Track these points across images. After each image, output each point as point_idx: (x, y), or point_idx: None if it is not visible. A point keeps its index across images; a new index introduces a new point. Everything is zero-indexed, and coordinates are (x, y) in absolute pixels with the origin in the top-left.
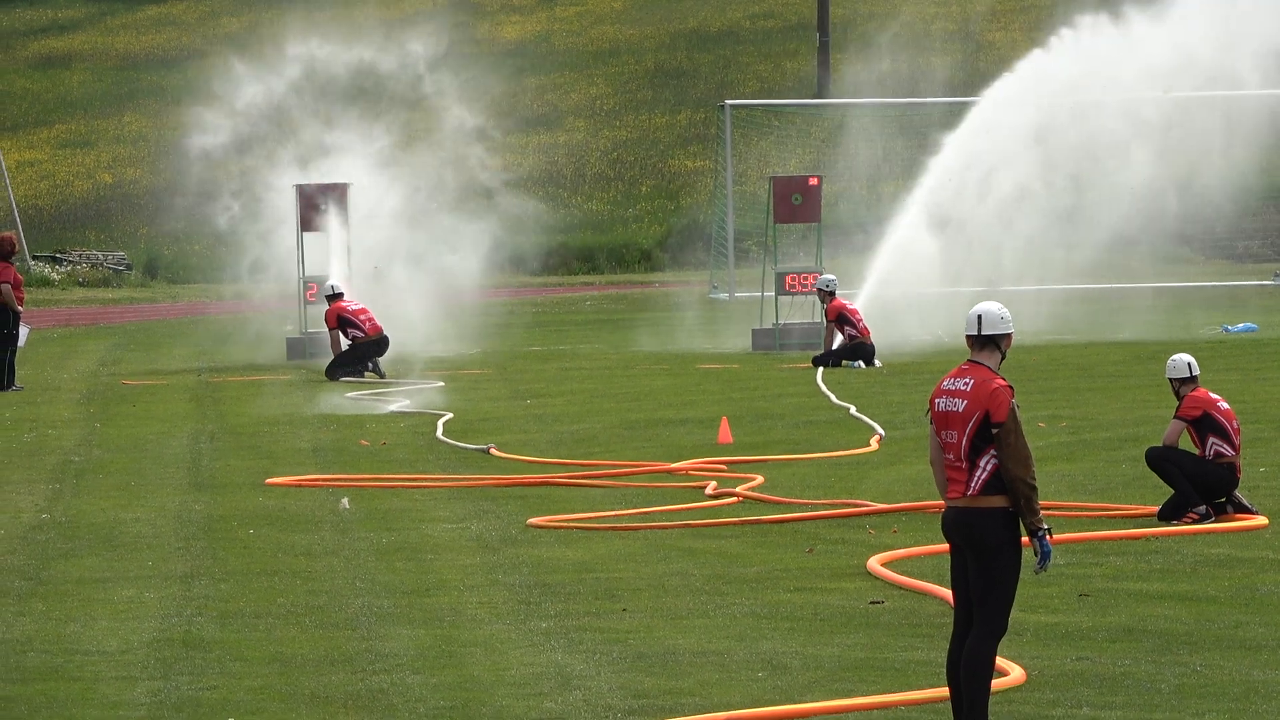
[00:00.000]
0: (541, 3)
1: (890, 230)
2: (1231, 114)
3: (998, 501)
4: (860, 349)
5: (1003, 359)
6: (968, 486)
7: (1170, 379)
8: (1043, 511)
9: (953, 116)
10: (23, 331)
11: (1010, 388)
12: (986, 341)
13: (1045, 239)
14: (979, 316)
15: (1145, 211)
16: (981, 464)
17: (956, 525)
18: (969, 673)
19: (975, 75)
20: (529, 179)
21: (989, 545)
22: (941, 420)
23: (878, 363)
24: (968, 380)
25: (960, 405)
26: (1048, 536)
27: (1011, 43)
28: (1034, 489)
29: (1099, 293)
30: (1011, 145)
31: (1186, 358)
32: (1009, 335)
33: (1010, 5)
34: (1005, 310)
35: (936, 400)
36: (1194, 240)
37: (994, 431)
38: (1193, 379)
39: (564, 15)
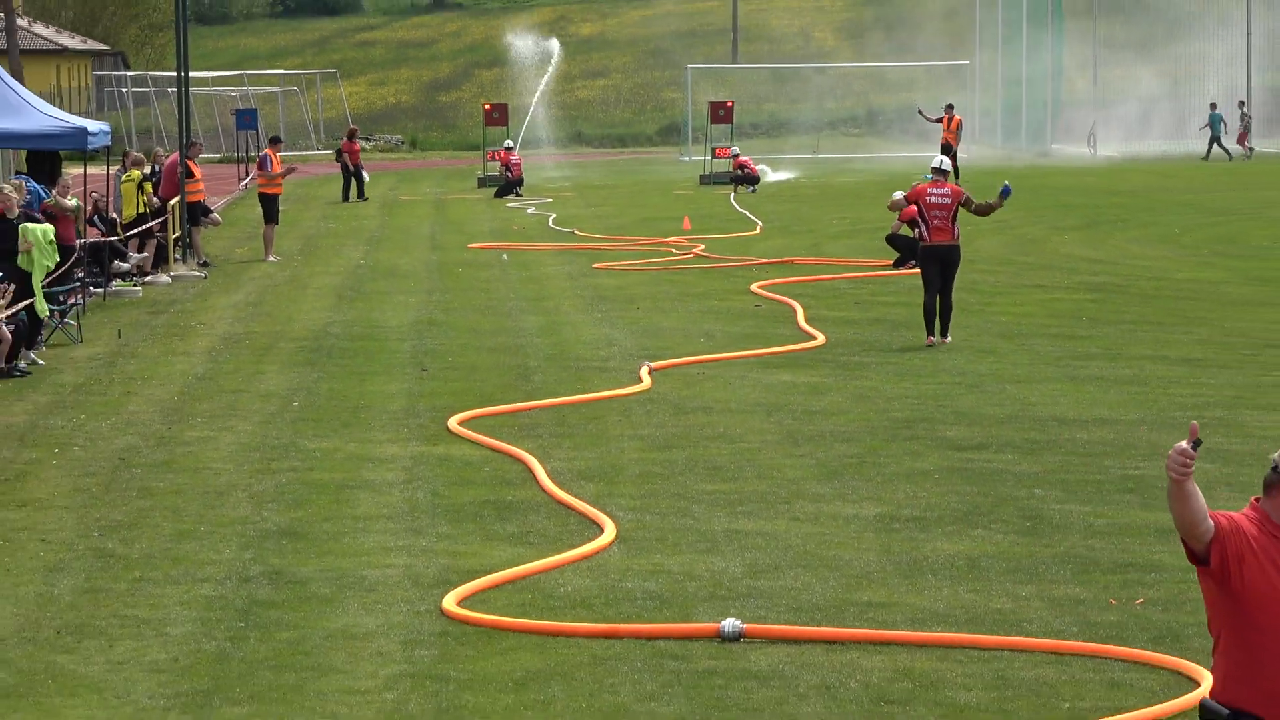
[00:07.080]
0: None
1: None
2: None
3: (959, 240)
4: (748, 178)
5: (948, 177)
6: (952, 235)
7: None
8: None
9: (821, 74)
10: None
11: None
12: (941, 173)
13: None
14: (941, 161)
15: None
16: (957, 225)
17: (949, 251)
18: (950, 309)
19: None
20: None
21: (957, 260)
22: (934, 207)
23: (754, 189)
24: (945, 190)
25: (948, 199)
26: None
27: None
28: (990, 206)
29: (881, 160)
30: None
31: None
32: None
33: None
34: (945, 158)
35: (928, 194)
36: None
37: (961, 205)
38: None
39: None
